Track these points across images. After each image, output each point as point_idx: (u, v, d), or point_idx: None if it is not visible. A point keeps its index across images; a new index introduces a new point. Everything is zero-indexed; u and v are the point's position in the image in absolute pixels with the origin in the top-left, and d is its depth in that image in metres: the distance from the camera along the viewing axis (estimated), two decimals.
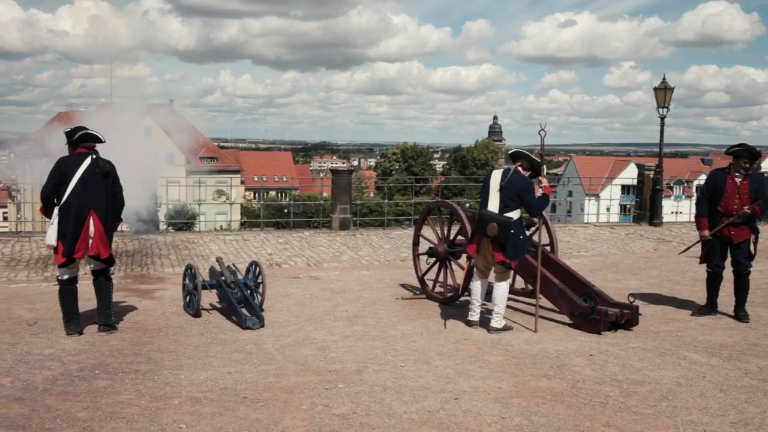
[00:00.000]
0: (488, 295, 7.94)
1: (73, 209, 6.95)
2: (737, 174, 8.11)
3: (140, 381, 5.80)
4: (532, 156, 7.72)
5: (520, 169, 7.59)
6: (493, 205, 7.47)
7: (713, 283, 8.44)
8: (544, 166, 7.82)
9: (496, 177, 7.57)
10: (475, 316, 7.76)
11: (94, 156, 7.13)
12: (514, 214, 7.42)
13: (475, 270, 7.85)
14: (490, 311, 7.75)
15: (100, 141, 7.28)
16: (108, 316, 7.34)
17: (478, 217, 7.57)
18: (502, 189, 7.43)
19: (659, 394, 5.72)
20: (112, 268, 7.59)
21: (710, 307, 8.46)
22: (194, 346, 6.86)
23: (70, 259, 7.02)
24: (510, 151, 8.09)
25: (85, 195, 7.00)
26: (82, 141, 7.19)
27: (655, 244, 15.17)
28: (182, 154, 67.12)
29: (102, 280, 7.32)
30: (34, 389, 5.54)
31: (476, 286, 7.79)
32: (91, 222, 7.02)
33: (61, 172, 7.04)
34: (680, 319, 8.28)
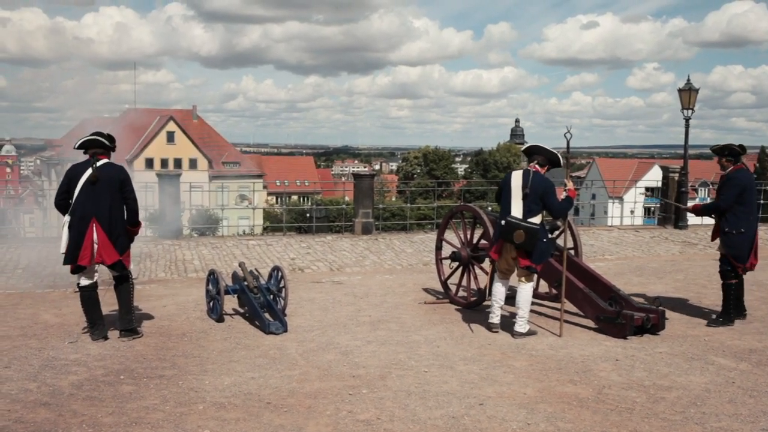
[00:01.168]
0: (510, 299, 7.88)
1: (77, 216, 6.91)
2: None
3: (165, 386, 5.82)
4: (547, 149, 7.62)
5: (537, 167, 7.51)
6: (517, 210, 7.37)
7: None
8: (569, 170, 7.76)
9: (516, 180, 7.44)
10: (495, 318, 7.70)
11: (95, 163, 6.99)
12: (538, 219, 7.35)
13: (496, 272, 7.79)
14: (512, 315, 7.69)
15: (103, 146, 7.10)
16: (128, 321, 7.28)
17: (504, 224, 7.44)
18: (525, 196, 7.34)
19: (687, 399, 5.63)
20: (132, 273, 7.49)
21: (735, 312, 8.30)
22: (218, 351, 6.88)
23: (78, 266, 6.98)
24: (523, 148, 7.98)
25: (87, 202, 6.92)
26: (87, 147, 7.08)
27: (681, 247, 15.00)
28: (205, 159, 67.86)
29: (120, 285, 7.24)
30: (60, 394, 5.58)
31: (498, 288, 7.72)
32: (94, 229, 6.90)
33: (68, 179, 7.03)
34: (703, 324, 8.16)
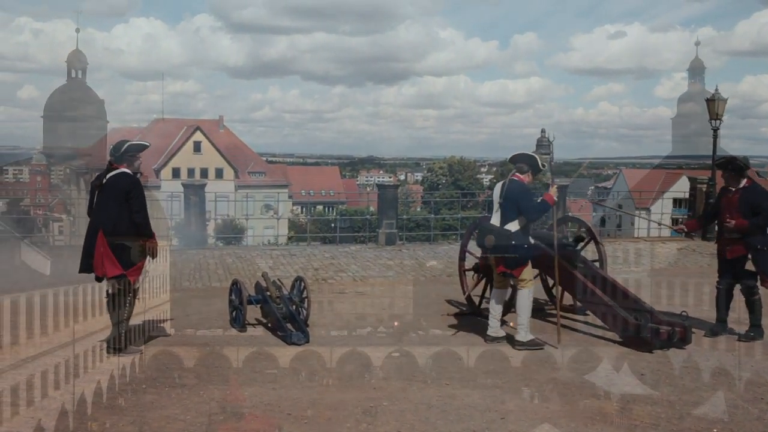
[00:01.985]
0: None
1: (90, 226, 6.93)
2: (730, 188, 7.93)
3: (186, 396, 5.83)
4: (528, 154, 7.73)
5: (518, 175, 7.58)
6: (495, 218, 7.53)
7: (718, 300, 8.14)
8: (551, 174, 7.86)
9: (497, 191, 7.65)
10: (491, 331, 7.71)
11: (107, 172, 6.95)
12: (514, 225, 7.36)
13: (494, 284, 7.87)
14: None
15: (111, 155, 7.02)
16: (114, 338, 6.95)
17: (479, 231, 7.61)
18: (501, 204, 7.45)
19: (714, 416, 5.53)
20: (136, 287, 7.13)
21: (719, 326, 8.12)
22: (240, 361, 6.89)
23: (98, 276, 6.93)
24: (509, 157, 8.03)
25: (96, 212, 6.92)
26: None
27: (709, 259, 14.75)
28: (231, 169, 68.42)
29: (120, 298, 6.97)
30: (83, 402, 5.62)
31: (493, 300, 7.79)
32: (100, 240, 6.80)
33: (91, 188, 7.12)
34: (734, 337, 8.02)
